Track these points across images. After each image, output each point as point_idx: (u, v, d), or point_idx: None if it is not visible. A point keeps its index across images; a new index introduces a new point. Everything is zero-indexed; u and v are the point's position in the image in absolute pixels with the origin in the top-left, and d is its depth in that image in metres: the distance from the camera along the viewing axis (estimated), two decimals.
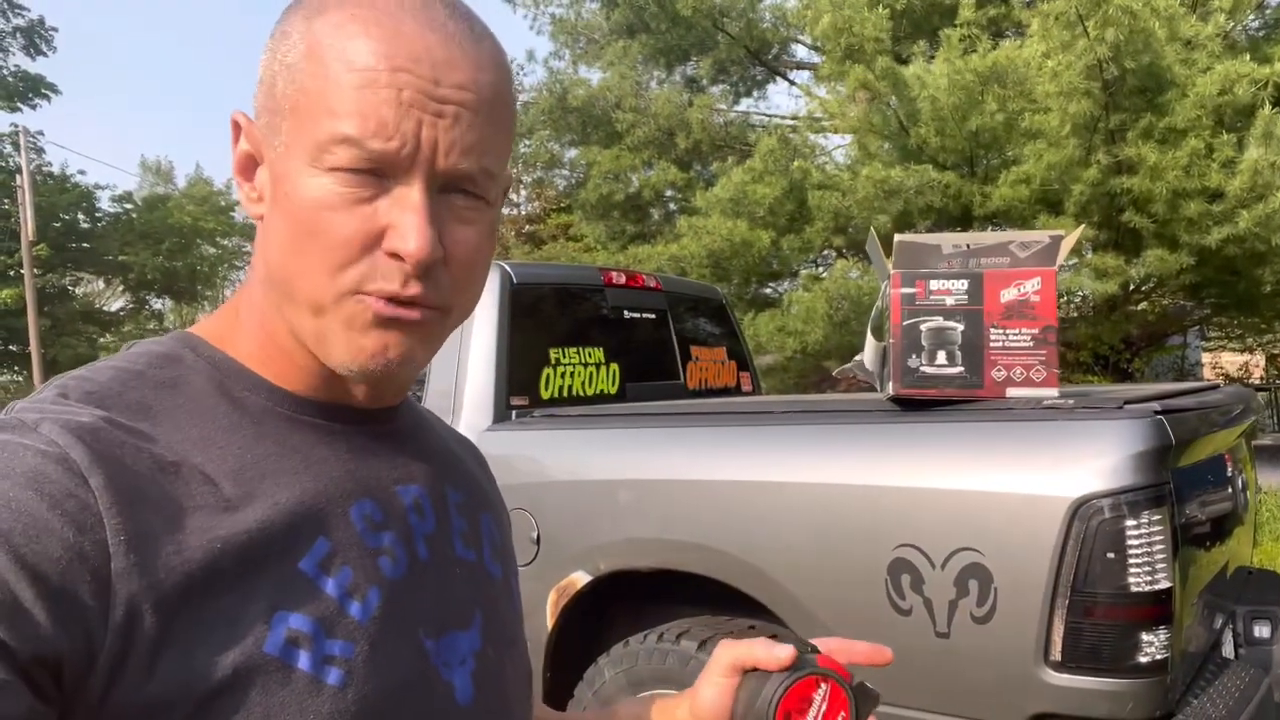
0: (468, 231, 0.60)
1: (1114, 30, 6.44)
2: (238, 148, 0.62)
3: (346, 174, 0.56)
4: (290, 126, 0.57)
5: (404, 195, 0.56)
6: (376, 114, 0.55)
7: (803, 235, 8.78)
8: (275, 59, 0.59)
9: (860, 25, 7.51)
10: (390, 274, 0.57)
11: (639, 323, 3.24)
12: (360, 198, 0.56)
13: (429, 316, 0.59)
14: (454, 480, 0.73)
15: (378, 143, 0.55)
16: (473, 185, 0.59)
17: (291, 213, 0.57)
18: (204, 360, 0.62)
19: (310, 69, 0.56)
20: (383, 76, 0.55)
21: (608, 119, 10.56)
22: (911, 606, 1.87)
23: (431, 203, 0.57)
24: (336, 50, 0.56)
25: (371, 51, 0.55)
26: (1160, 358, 11.06)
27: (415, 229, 0.56)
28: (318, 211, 0.56)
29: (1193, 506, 1.92)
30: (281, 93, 0.58)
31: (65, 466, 0.50)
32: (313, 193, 0.56)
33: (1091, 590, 1.72)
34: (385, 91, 0.55)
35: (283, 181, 0.58)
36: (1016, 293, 1.99)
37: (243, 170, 0.63)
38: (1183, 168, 6.74)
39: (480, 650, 0.66)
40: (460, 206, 0.59)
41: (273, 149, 0.59)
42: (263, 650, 0.53)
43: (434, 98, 0.56)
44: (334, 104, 0.55)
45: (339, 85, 0.55)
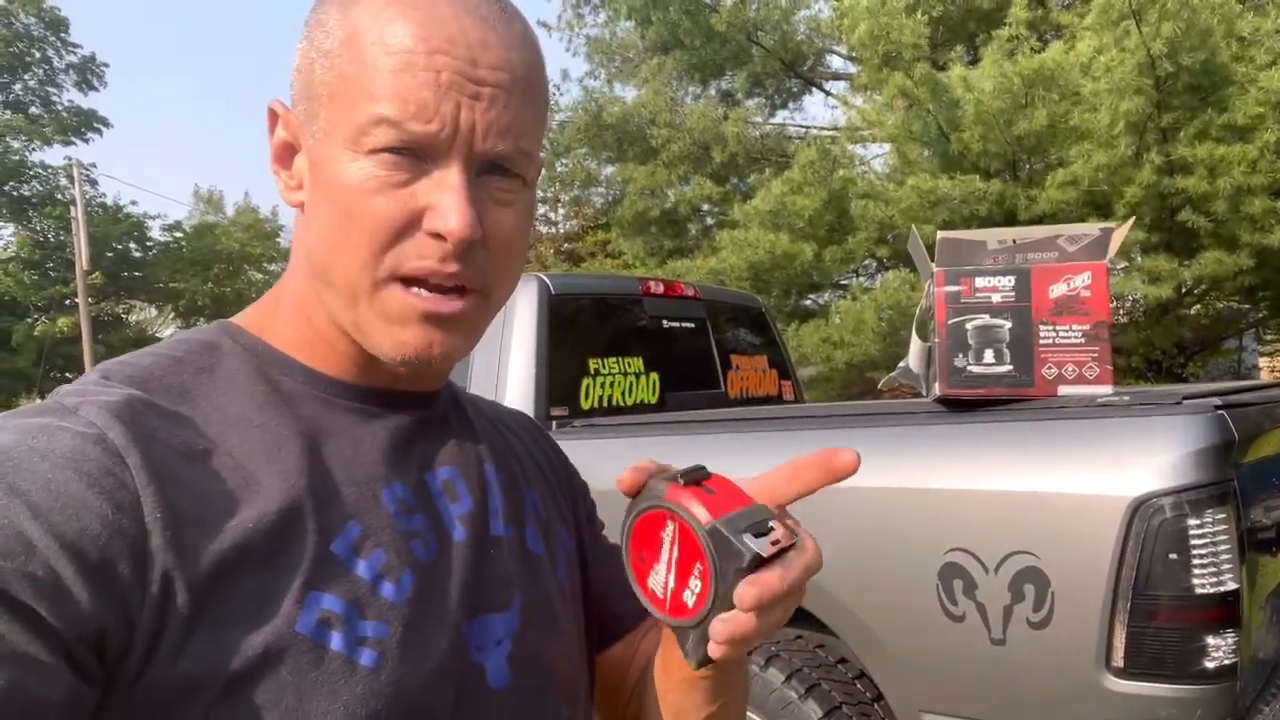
0: (505, 213, 0.60)
1: (1171, 25, 6.28)
2: (274, 136, 0.63)
3: (385, 155, 0.56)
4: (328, 113, 0.58)
5: (443, 177, 0.57)
6: (416, 96, 0.55)
7: (844, 246, 8.69)
8: (312, 47, 0.59)
9: (897, 32, 7.43)
10: (428, 252, 0.57)
11: (678, 332, 3.22)
12: (399, 180, 0.56)
13: (470, 305, 0.59)
14: (496, 458, 0.72)
15: (417, 125, 0.55)
16: (510, 165, 0.59)
17: (330, 197, 0.58)
18: (241, 346, 0.63)
19: (348, 54, 0.57)
20: (420, 59, 0.55)
21: (643, 135, 10.59)
22: (964, 612, 1.81)
23: (470, 184, 0.57)
24: (374, 35, 0.56)
25: (409, 34, 0.56)
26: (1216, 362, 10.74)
27: (455, 209, 0.56)
28: (357, 195, 0.56)
29: (1259, 504, 1.84)
30: (320, 80, 0.58)
31: (103, 446, 0.51)
32: (352, 176, 0.56)
33: (1154, 593, 1.65)
34: (424, 74, 0.55)
35: (322, 167, 0.58)
36: (1066, 288, 1.93)
37: (280, 159, 0.63)
38: (1250, 161, 6.54)
39: (518, 632, 0.65)
40: (497, 188, 0.59)
41: (310, 135, 0.60)
42: (294, 630, 0.53)
43: (471, 79, 0.56)
44: (372, 87, 0.56)
45: (377, 69, 0.56)
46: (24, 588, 0.45)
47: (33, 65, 19.60)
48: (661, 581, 0.55)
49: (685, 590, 0.54)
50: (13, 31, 18.97)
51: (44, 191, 20.26)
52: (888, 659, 1.95)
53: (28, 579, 0.46)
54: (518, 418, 0.82)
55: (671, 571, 0.54)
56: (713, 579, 0.52)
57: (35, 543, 0.47)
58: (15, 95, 19.64)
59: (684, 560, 0.54)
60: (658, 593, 0.56)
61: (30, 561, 0.46)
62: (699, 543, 0.53)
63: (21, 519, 0.47)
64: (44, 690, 0.45)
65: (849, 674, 2.15)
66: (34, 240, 20.15)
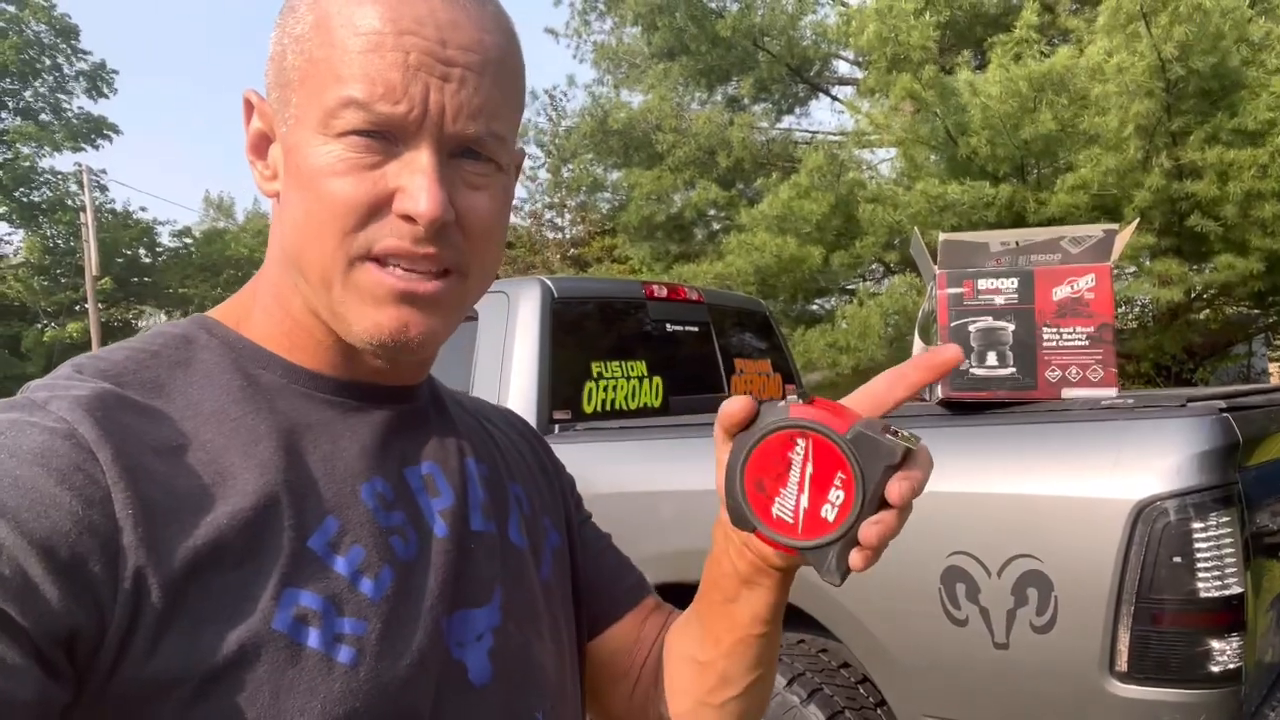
0: (479, 196, 0.59)
1: (1182, 28, 6.25)
2: (250, 126, 0.62)
3: (354, 138, 0.55)
4: (299, 98, 0.57)
5: (413, 159, 0.56)
6: (384, 77, 0.55)
7: (851, 250, 8.67)
8: (284, 33, 0.59)
9: (906, 34, 7.43)
10: (401, 233, 0.56)
11: (681, 336, 3.21)
12: (368, 163, 0.56)
13: (447, 285, 0.59)
14: (478, 452, 0.71)
15: (385, 106, 0.55)
16: (482, 148, 0.59)
17: (301, 182, 0.57)
18: (218, 340, 0.62)
19: (318, 38, 0.56)
20: (389, 40, 0.55)
21: (649, 141, 10.60)
22: (967, 616, 1.80)
23: (441, 166, 0.57)
24: (343, 17, 0.56)
25: (377, 16, 0.55)
26: (1225, 367, 10.68)
27: (425, 189, 0.55)
28: (326, 177, 0.56)
29: (1264, 508, 1.83)
30: (291, 65, 0.58)
31: (73, 441, 0.50)
32: (322, 159, 0.56)
33: (1158, 597, 1.63)
34: (392, 55, 0.55)
35: (293, 153, 0.58)
36: (1070, 290, 1.92)
37: (255, 149, 0.63)
38: (1261, 166, 6.51)
39: (500, 626, 0.65)
40: (470, 171, 0.59)
41: (284, 123, 0.59)
42: (270, 627, 0.52)
43: (441, 59, 0.55)
44: (341, 69, 0.55)
45: (346, 51, 0.55)
46: None
47: (43, 72, 19.76)
48: (792, 506, 0.54)
49: (824, 505, 0.53)
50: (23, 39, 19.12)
51: (54, 198, 20.40)
52: (890, 663, 1.94)
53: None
54: (501, 413, 0.82)
55: (804, 491, 0.54)
56: (860, 483, 0.52)
57: (3, 541, 0.46)
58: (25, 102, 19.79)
59: (821, 475, 0.53)
60: (787, 519, 0.55)
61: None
62: (840, 452, 0.52)
63: None
64: (14, 690, 0.44)
65: (851, 679, 2.13)
66: (44, 246, 20.28)
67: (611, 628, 0.78)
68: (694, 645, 0.71)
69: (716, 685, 0.69)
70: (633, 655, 0.78)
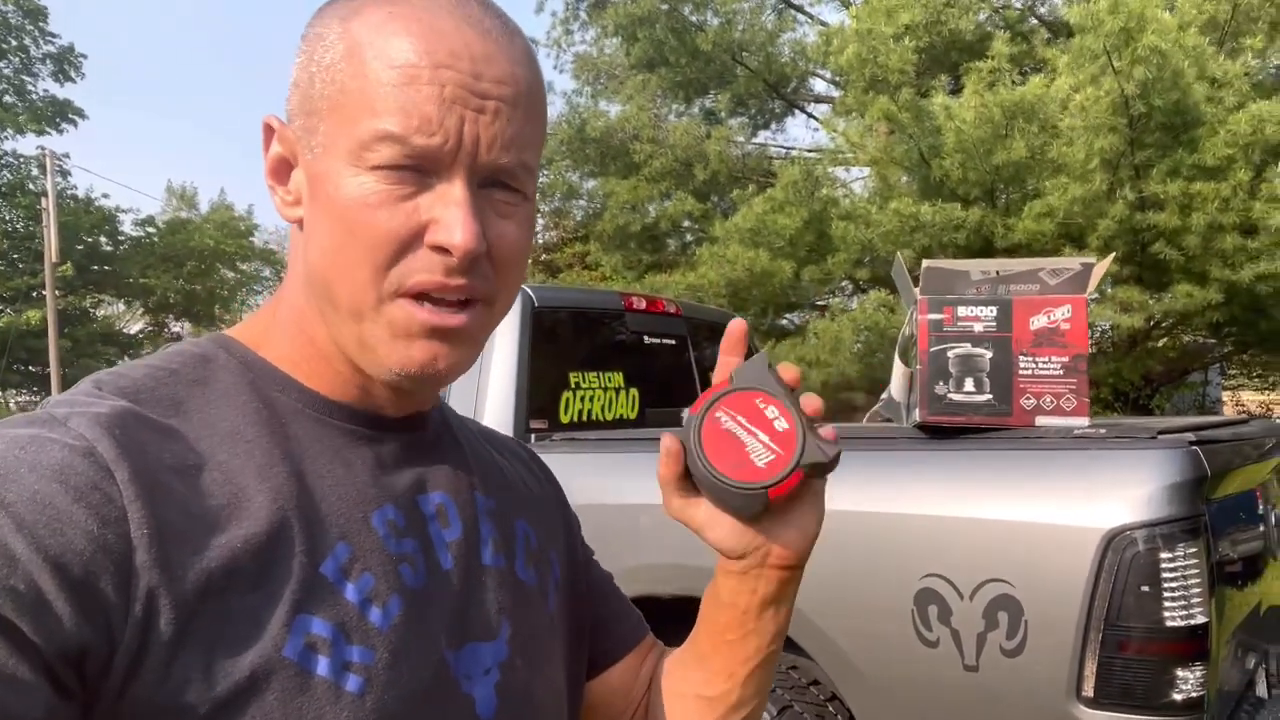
0: (508, 225, 0.60)
1: (1143, 68, 6.43)
2: (270, 152, 0.62)
3: (388, 171, 0.55)
4: (329, 127, 0.57)
5: (446, 190, 0.56)
6: (420, 110, 0.55)
7: (823, 266, 8.76)
8: (311, 60, 0.59)
9: (885, 56, 7.53)
10: (433, 267, 0.57)
11: (659, 348, 3.23)
12: (402, 194, 0.56)
13: (473, 316, 0.59)
14: (487, 486, 0.71)
15: (421, 139, 0.55)
16: (512, 179, 0.59)
17: (333, 212, 0.57)
18: (236, 360, 0.62)
19: (350, 68, 0.56)
20: (425, 73, 0.55)
21: (625, 150, 10.62)
22: (939, 638, 1.83)
23: (473, 197, 0.57)
24: (377, 48, 0.56)
25: (412, 49, 0.55)
26: (1181, 394, 10.94)
27: (461, 222, 0.55)
28: (359, 209, 0.56)
29: (1227, 539, 1.88)
30: (319, 94, 0.58)
31: (91, 459, 0.50)
32: (355, 191, 0.56)
33: (1125, 624, 1.67)
34: (428, 88, 0.55)
35: (323, 181, 0.58)
36: (1047, 320, 1.96)
37: (276, 174, 0.62)
38: (1223, 199, 6.69)
39: (507, 661, 0.65)
40: (500, 201, 0.59)
41: (309, 150, 0.59)
42: (281, 654, 0.52)
43: (475, 92, 0.56)
44: (375, 102, 0.55)
45: (380, 83, 0.55)
46: (5, 602, 0.45)
47: (9, 53, 19.31)
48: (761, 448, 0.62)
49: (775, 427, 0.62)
50: None
51: (14, 181, 19.93)
52: (861, 683, 1.96)
53: (9, 593, 0.45)
54: (510, 444, 0.82)
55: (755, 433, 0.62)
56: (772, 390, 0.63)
57: (18, 556, 0.46)
58: None
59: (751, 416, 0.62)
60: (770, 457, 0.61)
61: (13, 575, 0.45)
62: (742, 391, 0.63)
63: (5, 532, 0.46)
64: (24, 707, 0.44)
65: (821, 696, 2.15)
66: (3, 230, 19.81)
67: (613, 668, 0.78)
68: (699, 683, 0.71)
69: (726, 713, 0.70)
70: (630, 695, 0.78)
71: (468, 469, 0.70)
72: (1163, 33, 6.35)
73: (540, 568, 0.73)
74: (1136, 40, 6.36)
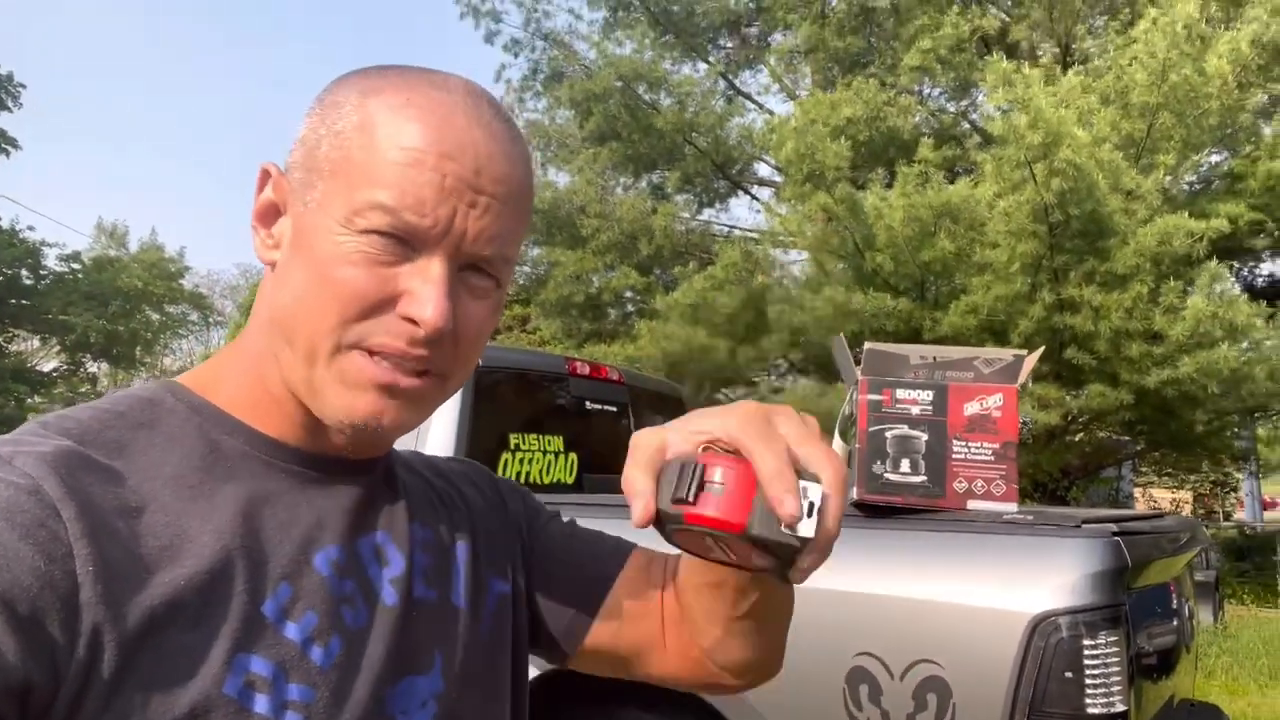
0: (478, 306, 0.62)
1: (1059, 180, 6.84)
2: (261, 195, 0.65)
3: (375, 236, 0.58)
4: (328, 187, 0.60)
5: (426, 266, 0.59)
6: (417, 192, 0.58)
7: (759, 346, 8.93)
8: (323, 123, 0.62)
9: (822, 154, 7.86)
10: (399, 333, 0.59)
11: (600, 414, 3.23)
12: (383, 260, 0.58)
13: (428, 385, 0.61)
14: (423, 516, 0.72)
15: (412, 216, 0.58)
16: (490, 267, 0.62)
17: (312, 262, 0.59)
18: (184, 404, 0.63)
19: (360, 140, 0.59)
20: (430, 159, 0.58)
21: (572, 222, 10.79)
22: (869, 718, 1.83)
23: (451, 278, 0.59)
24: (390, 128, 0.59)
25: (423, 136, 0.59)
26: (1096, 488, 11.33)
27: (434, 300, 0.58)
28: (339, 263, 0.58)
29: (1144, 630, 1.94)
30: (325, 155, 0.60)
31: (38, 498, 0.51)
32: (338, 248, 0.58)
33: (1049, 710, 1.70)
34: (431, 174, 0.58)
35: (308, 234, 0.60)
36: (979, 407, 2.03)
37: (262, 217, 0.65)
38: (1126, 310, 7.07)
39: (442, 692, 0.66)
40: (474, 284, 0.62)
41: (302, 203, 0.61)
42: (221, 691, 0.53)
43: (472, 187, 0.59)
44: (378, 175, 0.58)
45: (386, 160, 0.58)
46: None
47: None
48: None
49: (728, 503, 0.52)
50: None
51: None
52: None
53: None
54: (453, 465, 0.82)
55: None
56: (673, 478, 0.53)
57: None
58: None
59: None
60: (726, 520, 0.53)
61: None
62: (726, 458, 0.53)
63: None
64: None
65: None
66: None
67: (610, 594, 0.78)
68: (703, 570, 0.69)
69: (736, 596, 0.68)
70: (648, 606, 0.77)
71: (404, 501, 0.71)
72: (1078, 148, 6.77)
73: (476, 591, 0.73)
74: (1054, 154, 6.77)
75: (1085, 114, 7.49)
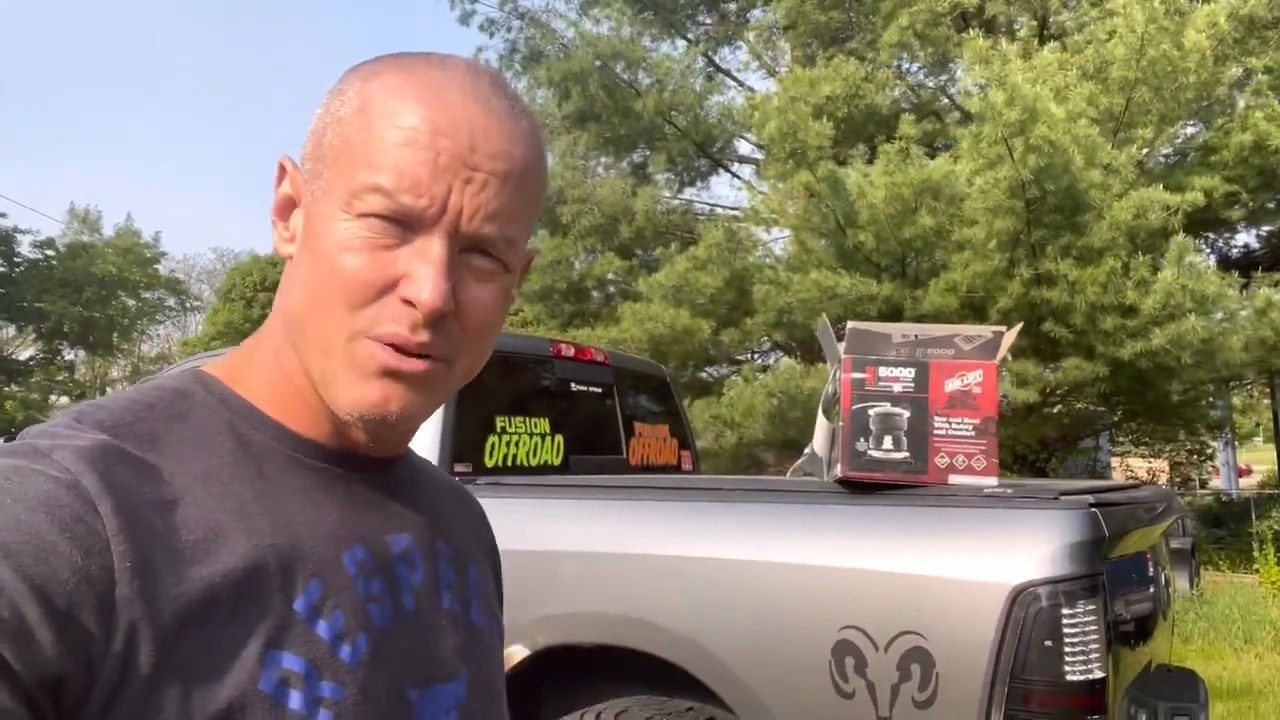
0: (482, 289, 0.62)
1: (1035, 157, 6.88)
2: (279, 189, 0.65)
3: (373, 220, 0.58)
4: (331, 174, 0.60)
5: (425, 247, 0.59)
6: (412, 172, 0.58)
7: (742, 327, 8.97)
8: (329, 113, 0.62)
9: (804, 132, 7.87)
10: (400, 319, 0.59)
11: (585, 396, 3.25)
12: (383, 244, 0.58)
13: (433, 369, 0.60)
14: (446, 533, 0.73)
15: (408, 198, 0.58)
16: (492, 249, 0.61)
17: (317, 251, 0.60)
18: (214, 397, 0.63)
19: (358, 123, 0.60)
20: (424, 138, 0.58)
21: (551, 208, 10.75)
22: (854, 690, 1.87)
23: (450, 258, 0.59)
24: (386, 108, 0.59)
25: (417, 114, 0.59)
26: (1074, 459, 11.48)
27: (430, 279, 0.58)
28: (341, 252, 0.59)
29: (1121, 599, 1.99)
30: (329, 143, 0.61)
31: (76, 492, 0.51)
32: (339, 235, 0.59)
33: (1029, 678, 1.75)
34: (424, 152, 0.58)
35: (313, 222, 0.61)
36: (960, 383, 2.07)
37: (280, 211, 0.65)
38: (1100, 284, 7.15)
39: (465, 704, 0.66)
40: (478, 267, 0.61)
41: (310, 193, 0.62)
42: (256, 687, 0.54)
43: (468, 164, 0.59)
44: (374, 157, 0.58)
45: (382, 140, 0.58)
46: None
47: None
48: None
49: None
50: None
51: None
52: None
53: None
54: (461, 493, 0.83)
55: None
56: None
57: (3, 584, 0.47)
58: None
59: None
60: None
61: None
62: None
63: None
64: None
65: None
66: None
67: None
68: None
69: None
70: None
71: (431, 513, 0.72)
72: (1054, 124, 6.81)
73: (492, 615, 0.75)
74: (1030, 130, 6.81)
75: (1062, 90, 7.53)
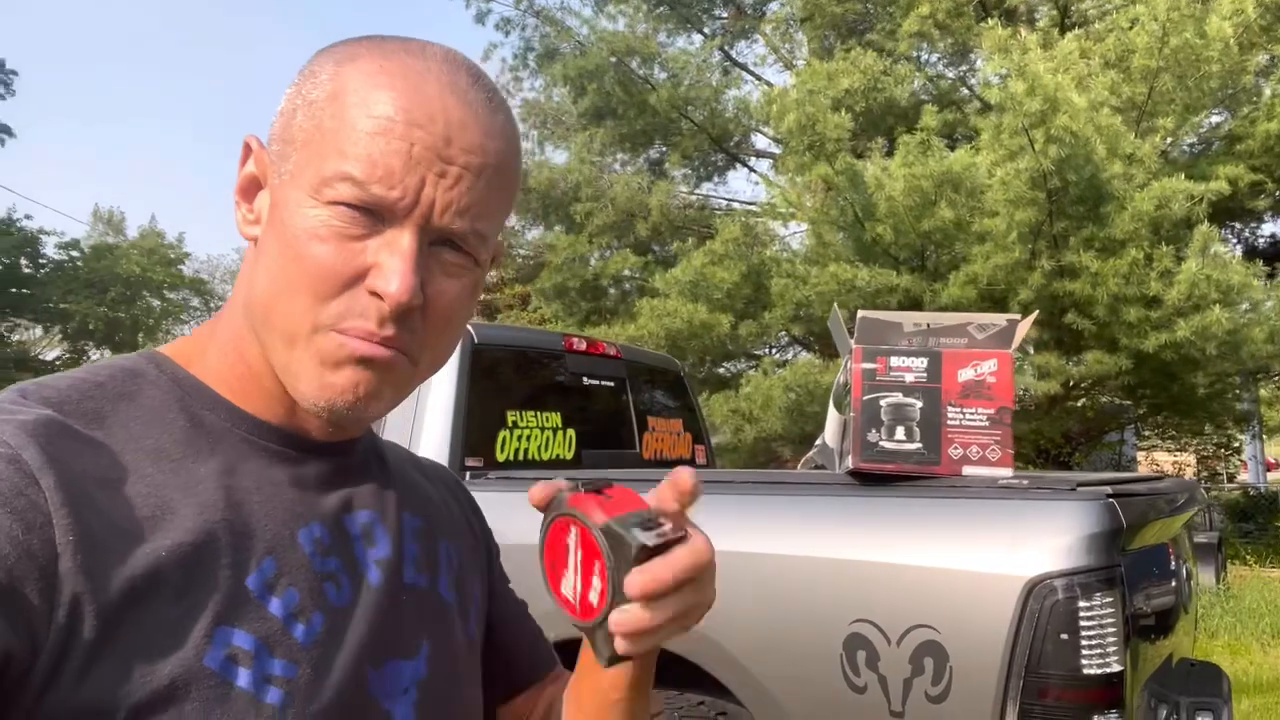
0: (451, 284, 0.61)
1: (1056, 147, 6.79)
2: (244, 169, 0.64)
3: (343, 209, 0.57)
4: (300, 158, 0.59)
5: (395, 239, 0.58)
6: (385, 162, 0.56)
7: (760, 320, 8.93)
8: (299, 94, 0.61)
9: (823, 125, 7.81)
10: (368, 312, 0.58)
11: (598, 390, 3.24)
12: (352, 234, 0.57)
13: (398, 360, 0.60)
14: (413, 506, 0.72)
15: (380, 189, 0.56)
16: (463, 243, 0.60)
17: (283, 238, 0.58)
18: (167, 377, 0.62)
19: (331, 109, 0.58)
20: (398, 129, 0.57)
21: (566, 205, 10.77)
22: (866, 684, 1.84)
23: (420, 252, 0.58)
24: (359, 96, 0.58)
25: (392, 103, 0.57)
26: (1099, 453, 11.35)
27: (399, 273, 0.57)
28: (308, 240, 0.57)
29: (1140, 591, 1.95)
30: (299, 126, 0.60)
31: (16, 466, 0.51)
32: (307, 222, 0.57)
33: (1045, 671, 1.71)
34: (398, 143, 0.57)
35: (281, 207, 0.59)
36: (974, 373, 2.03)
37: (244, 191, 0.64)
38: (1123, 275, 7.04)
39: (425, 680, 0.66)
40: (448, 260, 0.60)
41: (278, 175, 0.61)
42: (202, 663, 0.53)
43: (441, 157, 0.58)
44: (346, 145, 0.57)
45: (354, 129, 0.57)
46: None
47: None
48: (571, 586, 0.57)
49: (590, 591, 0.55)
50: None
51: None
52: None
53: None
54: (435, 468, 0.82)
55: (578, 574, 0.56)
56: (610, 572, 0.54)
57: None
58: None
59: (586, 561, 0.55)
60: (570, 598, 0.57)
61: None
62: (595, 541, 0.54)
63: None
64: None
65: None
66: None
67: (522, 695, 0.80)
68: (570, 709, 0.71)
69: None
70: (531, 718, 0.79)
71: (395, 488, 0.71)
72: (1075, 114, 6.71)
73: (463, 590, 0.74)
74: (1051, 120, 6.71)
75: (1083, 79, 7.42)
